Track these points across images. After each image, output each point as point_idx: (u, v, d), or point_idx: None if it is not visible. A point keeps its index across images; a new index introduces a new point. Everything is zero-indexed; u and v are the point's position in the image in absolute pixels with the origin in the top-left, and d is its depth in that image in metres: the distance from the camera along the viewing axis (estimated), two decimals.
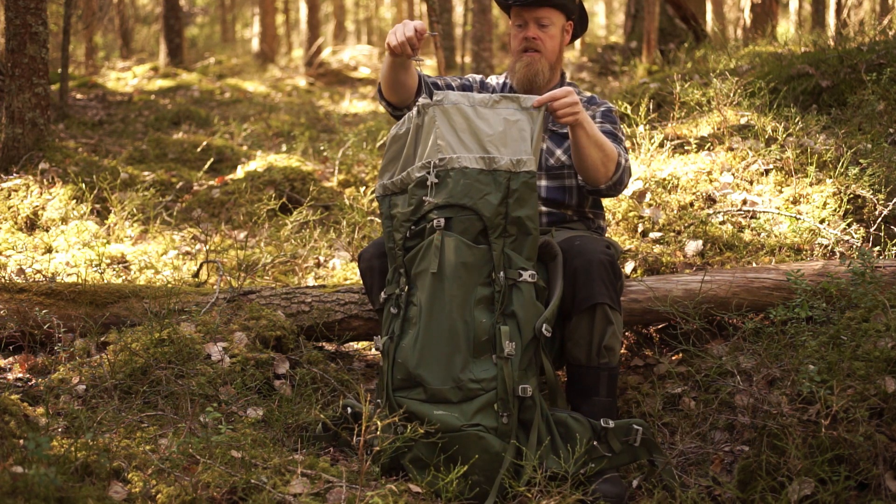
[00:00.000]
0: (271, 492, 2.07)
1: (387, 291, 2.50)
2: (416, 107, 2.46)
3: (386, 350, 2.43)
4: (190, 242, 4.35)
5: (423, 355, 2.34)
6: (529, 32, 2.75)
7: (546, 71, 2.78)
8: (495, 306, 2.35)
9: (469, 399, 2.30)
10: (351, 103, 11.12)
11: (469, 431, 2.26)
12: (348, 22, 27.81)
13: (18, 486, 1.72)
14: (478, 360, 2.32)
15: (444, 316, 2.35)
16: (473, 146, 2.40)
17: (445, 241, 2.37)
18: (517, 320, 2.34)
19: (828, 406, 2.11)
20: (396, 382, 2.38)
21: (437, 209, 2.39)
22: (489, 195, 2.37)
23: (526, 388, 2.30)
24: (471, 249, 2.37)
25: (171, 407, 2.58)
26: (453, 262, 2.35)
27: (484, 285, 2.37)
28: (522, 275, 2.36)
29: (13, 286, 3.06)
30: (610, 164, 2.60)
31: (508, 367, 2.30)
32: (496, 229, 2.37)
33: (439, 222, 2.38)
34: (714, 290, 2.89)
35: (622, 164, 2.64)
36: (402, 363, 2.37)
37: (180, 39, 13.30)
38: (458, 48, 14.15)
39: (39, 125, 4.93)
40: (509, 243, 2.38)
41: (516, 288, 2.36)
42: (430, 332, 2.35)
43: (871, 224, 3.36)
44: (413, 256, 2.43)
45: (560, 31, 2.79)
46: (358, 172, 5.32)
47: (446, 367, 2.32)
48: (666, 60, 7.90)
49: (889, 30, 5.52)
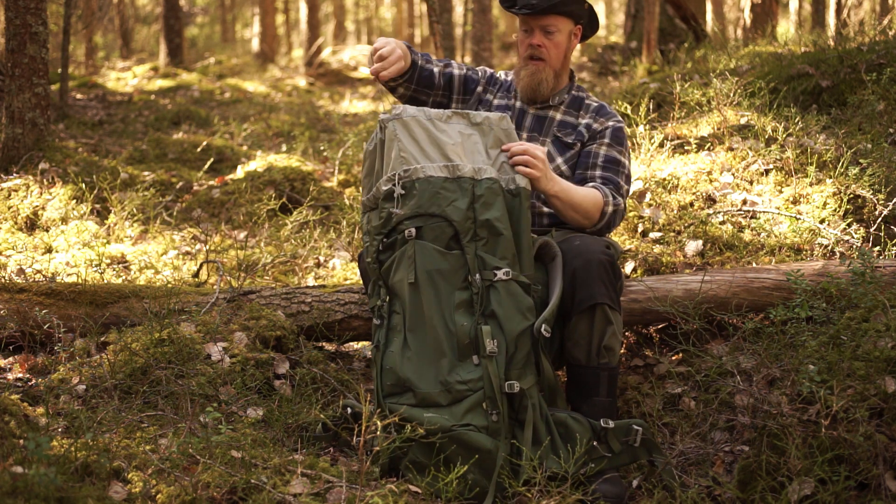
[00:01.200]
0: (271, 492, 2.07)
1: (369, 304, 2.52)
2: (378, 122, 2.49)
3: (374, 358, 2.44)
4: (190, 242, 4.35)
5: (411, 361, 2.37)
6: (535, 40, 2.74)
7: (550, 79, 2.77)
8: (475, 308, 2.37)
9: (458, 401, 2.32)
10: (351, 103, 11.12)
11: (459, 431, 2.28)
12: (348, 22, 27.81)
13: (18, 486, 1.72)
14: (463, 362, 2.34)
15: (426, 323, 2.37)
16: (436, 156, 2.43)
17: (418, 250, 2.38)
18: (497, 319, 2.35)
19: (828, 406, 2.11)
20: (386, 389, 2.40)
21: (407, 219, 2.40)
22: (456, 201, 2.39)
23: (513, 385, 2.31)
24: (444, 256, 2.38)
25: (171, 407, 2.58)
26: (428, 269, 2.37)
27: (461, 289, 2.38)
28: (497, 274, 2.37)
29: (13, 286, 3.06)
30: (593, 214, 2.63)
31: (493, 365, 2.31)
32: (467, 233, 2.39)
33: (410, 232, 2.39)
34: (714, 290, 2.89)
35: (608, 212, 2.64)
36: (391, 369, 2.38)
37: (180, 39, 13.29)
38: (458, 48, 14.14)
39: (39, 125, 4.93)
40: (481, 246, 2.39)
41: (493, 288, 2.37)
42: (415, 340, 2.38)
43: (871, 224, 3.36)
44: (388, 268, 2.44)
45: (567, 37, 2.77)
46: (358, 172, 5.32)
47: (434, 372, 2.34)
48: (666, 60, 7.90)
49: (889, 30, 5.52)
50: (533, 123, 2.83)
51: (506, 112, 2.83)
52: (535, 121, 2.83)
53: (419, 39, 23.54)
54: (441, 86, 2.87)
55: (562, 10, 2.70)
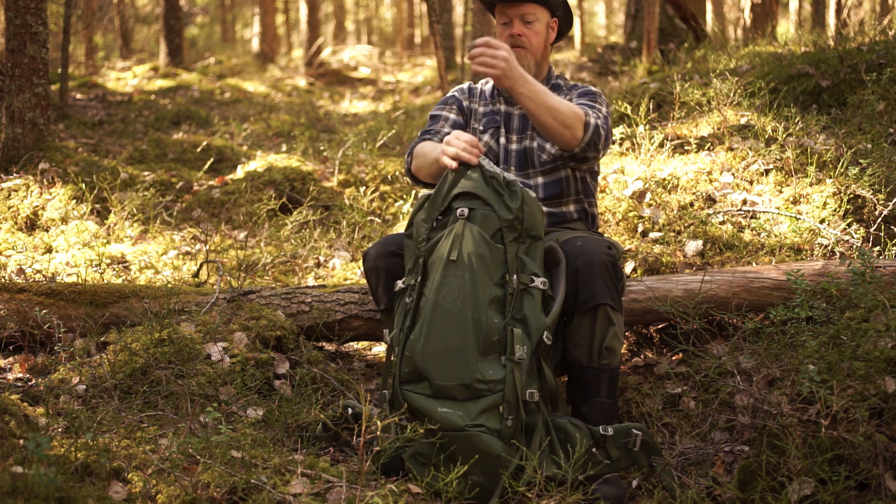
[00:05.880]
0: (271, 492, 2.07)
1: (405, 282, 2.51)
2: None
3: (396, 341, 2.42)
4: (190, 242, 4.35)
5: (430, 347, 2.33)
6: (514, 29, 2.76)
7: (532, 66, 2.78)
8: (506, 309, 2.36)
9: (475, 398, 2.29)
10: (351, 103, 11.13)
11: (471, 432, 2.26)
12: (348, 22, 27.81)
13: (18, 486, 1.72)
14: (485, 359, 2.31)
15: (455, 306, 2.34)
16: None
17: (466, 231, 2.40)
18: (528, 325, 2.34)
19: (828, 406, 2.11)
20: (403, 375, 2.38)
21: (460, 198, 2.45)
22: (506, 198, 2.43)
23: (533, 394, 2.30)
24: (488, 245, 2.39)
25: (171, 407, 2.58)
26: (472, 251, 2.37)
27: (497, 286, 2.38)
28: (535, 280, 2.38)
29: (13, 286, 3.06)
30: (576, 125, 2.57)
31: (519, 370, 2.30)
32: (512, 232, 2.41)
33: (463, 212, 2.43)
34: (714, 290, 2.89)
35: (591, 122, 2.60)
36: (410, 356, 2.36)
37: (180, 39, 13.30)
38: (458, 48, 14.16)
39: (39, 125, 4.93)
40: (523, 249, 2.41)
41: (527, 293, 2.37)
42: (437, 323, 2.34)
43: (871, 224, 3.36)
44: (433, 247, 2.46)
45: (545, 27, 2.80)
46: (358, 172, 5.32)
47: (453, 362, 2.30)
48: (666, 60, 7.90)
49: (889, 30, 5.52)
50: (520, 123, 2.85)
51: (492, 117, 2.85)
52: (520, 120, 2.85)
53: (419, 39, 23.54)
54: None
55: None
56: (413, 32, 23.39)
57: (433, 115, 2.93)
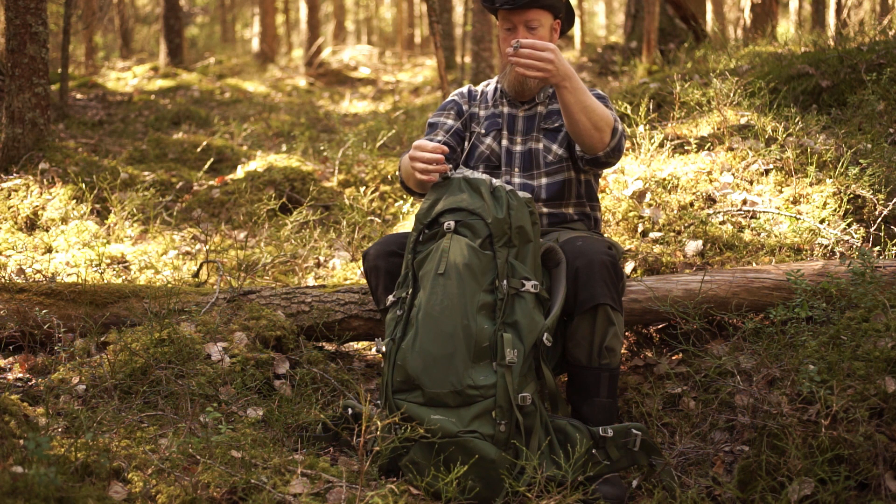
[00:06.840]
0: (271, 492, 2.07)
1: (395, 294, 2.52)
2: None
3: (388, 352, 2.43)
4: (190, 242, 4.35)
5: (421, 357, 2.34)
6: (519, 36, 2.75)
7: None
8: (497, 314, 2.36)
9: (467, 404, 2.29)
10: (351, 103, 11.13)
11: (465, 438, 2.26)
12: (348, 22, 27.81)
13: (18, 486, 1.72)
14: (477, 365, 2.32)
15: (443, 316, 2.35)
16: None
17: (453, 243, 2.40)
18: (519, 330, 2.35)
19: (828, 406, 2.11)
20: (396, 384, 2.39)
21: (448, 212, 2.46)
22: (492, 205, 2.44)
23: (525, 398, 2.30)
24: (477, 254, 2.39)
25: (171, 407, 2.58)
26: (459, 263, 2.38)
27: (487, 292, 2.38)
28: (525, 285, 2.38)
29: (13, 286, 3.06)
30: (605, 129, 2.57)
31: (510, 375, 2.30)
32: (501, 238, 2.40)
33: (449, 225, 2.44)
34: (714, 290, 2.89)
35: (619, 129, 2.62)
36: (402, 365, 2.37)
37: (180, 39, 13.29)
38: (458, 48, 14.15)
39: (39, 125, 4.93)
40: (513, 253, 2.41)
41: (518, 297, 2.38)
42: (427, 332, 2.35)
43: (871, 224, 3.36)
44: (422, 260, 2.46)
45: (549, 31, 2.79)
46: (358, 172, 5.32)
47: (444, 370, 2.31)
48: (666, 60, 7.90)
49: (889, 30, 5.52)
50: (524, 125, 2.85)
51: (494, 120, 2.85)
52: (525, 122, 2.85)
53: (419, 39, 23.54)
54: (461, 141, 2.91)
55: (542, 3, 2.72)
56: (413, 32, 23.39)
57: (430, 122, 2.93)
